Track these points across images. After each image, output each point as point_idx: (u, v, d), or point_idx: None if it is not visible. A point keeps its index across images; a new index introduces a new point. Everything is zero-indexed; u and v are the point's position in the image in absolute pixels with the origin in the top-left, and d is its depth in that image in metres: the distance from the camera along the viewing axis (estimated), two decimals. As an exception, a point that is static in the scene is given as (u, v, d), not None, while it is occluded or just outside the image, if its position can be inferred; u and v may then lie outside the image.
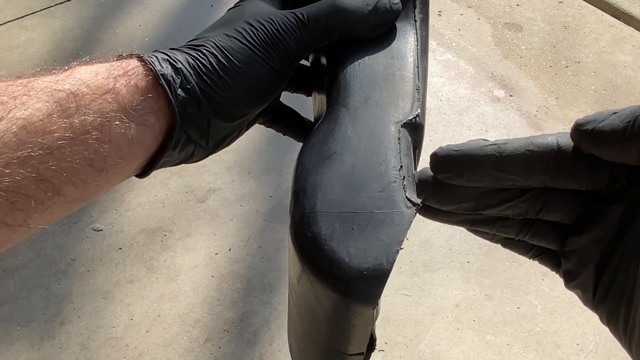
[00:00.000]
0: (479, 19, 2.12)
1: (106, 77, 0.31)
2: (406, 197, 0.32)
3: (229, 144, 0.38)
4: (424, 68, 0.38)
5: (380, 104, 0.36)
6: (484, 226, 0.33)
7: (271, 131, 0.45)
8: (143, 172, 0.35)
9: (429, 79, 1.92)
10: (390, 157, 0.33)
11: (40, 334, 1.39)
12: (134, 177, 0.35)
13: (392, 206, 0.32)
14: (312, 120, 0.45)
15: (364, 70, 0.37)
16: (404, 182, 0.33)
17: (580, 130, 0.28)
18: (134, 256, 1.52)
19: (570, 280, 0.32)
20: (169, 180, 1.66)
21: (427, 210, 0.34)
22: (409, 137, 0.35)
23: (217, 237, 1.55)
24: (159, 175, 1.66)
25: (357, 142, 0.34)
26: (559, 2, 2.17)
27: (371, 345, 0.36)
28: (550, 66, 1.97)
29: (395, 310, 1.43)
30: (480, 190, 0.31)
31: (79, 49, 1.97)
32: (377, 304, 0.32)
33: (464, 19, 2.12)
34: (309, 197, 0.33)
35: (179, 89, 0.33)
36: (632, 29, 2.05)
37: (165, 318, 1.42)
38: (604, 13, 2.10)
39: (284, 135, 0.45)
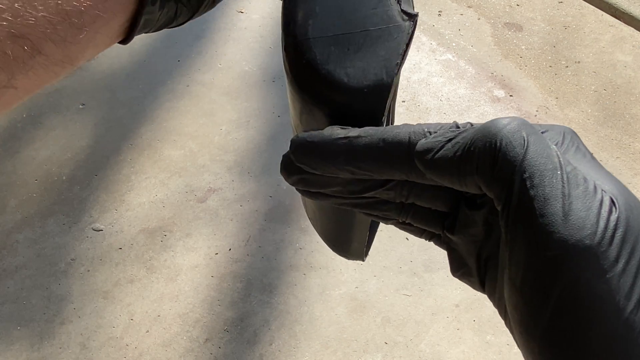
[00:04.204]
0: (479, 19, 2.12)
1: None
2: (401, 9, 0.31)
3: (212, 5, 0.36)
4: None
5: None
6: (364, 208, 0.32)
7: (271, 131, 0.44)
8: (127, 37, 0.33)
9: (429, 79, 1.92)
10: None
11: (40, 334, 1.39)
12: (133, 177, 0.34)
13: (387, 21, 0.30)
14: None
15: None
16: None
17: (421, 160, 0.27)
18: (134, 256, 1.52)
19: (454, 270, 0.31)
20: (169, 180, 1.66)
21: (303, 193, 0.32)
22: None
23: (217, 237, 1.55)
24: (159, 175, 1.66)
25: None
26: (559, 2, 2.17)
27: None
28: (550, 66, 1.97)
29: (395, 310, 1.43)
30: (344, 177, 0.30)
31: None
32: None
33: (464, 19, 2.12)
34: (300, 25, 0.31)
35: None
36: (632, 29, 2.05)
37: (165, 318, 1.42)
38: (604, 13, 2.10)
39: None
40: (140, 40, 2.03)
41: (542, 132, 0.27)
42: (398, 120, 0.32)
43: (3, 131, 1.77)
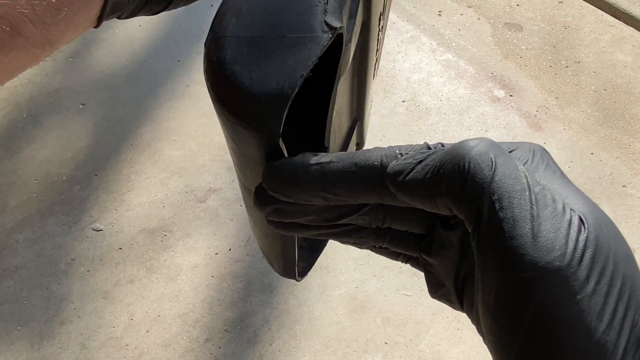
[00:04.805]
0: (479, 19, 2.12)
1: None
2: (325, 21, 0.29)
3: (189, 0, 0.36)
4: None
5: None
6: (340, 237, 0.32)
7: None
8: (98, 22, 0.33)
9: (429, 79, 1.92)
10: None
11: (40, 334, 1.39)
12: (133, 177, 0.34)
13: (306, 30, 0.29)
14: None
15: None
16: (327, 6, 0.30)
17: (392, 182, 0.27)
18: (134, 256, 1.52)
19: (433, 292, 0.31)
20: (169, 180, 1.66)
21: (277, 225, 0.32)
22: None
23: (217, 237, 1.55)
24: (159, 175, 1.66)
25: None
26: (559, 2, 2.17)
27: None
28: (550, 66, 1.97)
29: (395, 310, 1.43)
30: (318, 205, 0.30)
31: (79, 49, 1.97)
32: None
33: (464, 19, 2.12)
34: (224, 22, 0.30)
35: None
36: (632, 29, 2.05)
37: (165, 318, 1.42)
38: (604, 13, 2.10)
39: None
40: (140, 40, 2.03)
41: (510, 151, 0.28)
42: (398, 121, 0.32)
43: (3, 131, 1.77)
